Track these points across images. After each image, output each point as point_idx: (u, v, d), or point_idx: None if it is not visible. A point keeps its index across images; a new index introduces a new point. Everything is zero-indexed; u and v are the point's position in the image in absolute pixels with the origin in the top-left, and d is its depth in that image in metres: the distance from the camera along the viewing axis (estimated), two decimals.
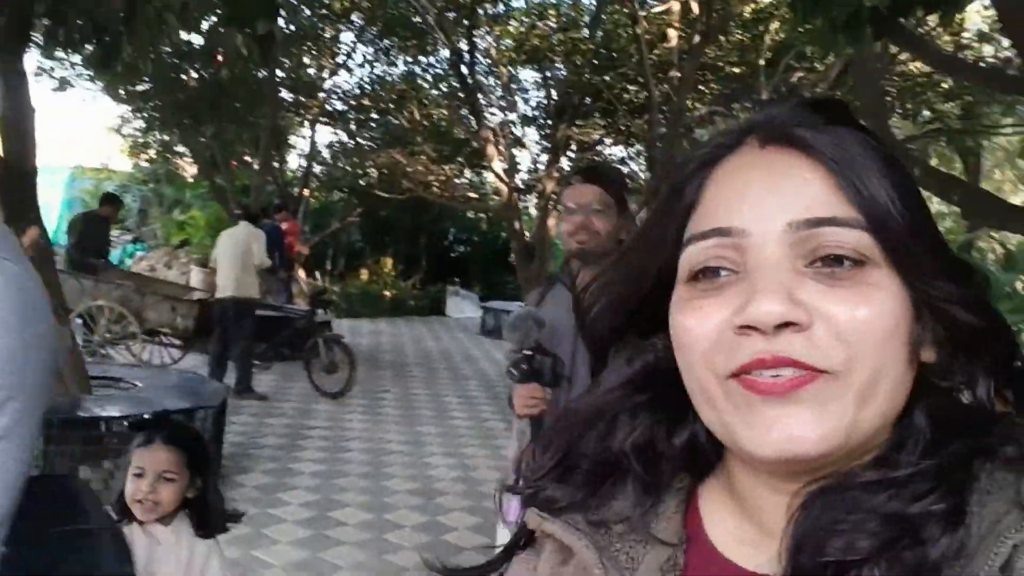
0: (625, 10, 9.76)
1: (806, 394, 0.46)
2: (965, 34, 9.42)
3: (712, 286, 0.50)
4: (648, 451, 0.57)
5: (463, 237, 20.12)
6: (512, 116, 13.57)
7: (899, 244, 0.49)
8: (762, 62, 9.64)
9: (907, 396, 0.50)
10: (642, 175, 13.27)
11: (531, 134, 14.15)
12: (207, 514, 1.96)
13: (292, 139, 16.22)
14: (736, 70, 10.80)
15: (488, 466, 5.80)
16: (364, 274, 18.17)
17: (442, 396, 8.25)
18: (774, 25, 9.69)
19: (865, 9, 2.67)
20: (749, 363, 0.47)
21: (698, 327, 0.50)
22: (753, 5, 9.66)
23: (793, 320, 0.46)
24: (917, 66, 8.99)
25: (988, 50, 9.55)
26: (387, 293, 16.75)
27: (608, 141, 13.31)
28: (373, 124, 14.66)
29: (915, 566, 0.43)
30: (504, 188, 12.58)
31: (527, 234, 13.37)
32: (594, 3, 11.28)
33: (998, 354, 0.51)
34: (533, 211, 15.11)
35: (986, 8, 7.42)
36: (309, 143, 15.80)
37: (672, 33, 9.40)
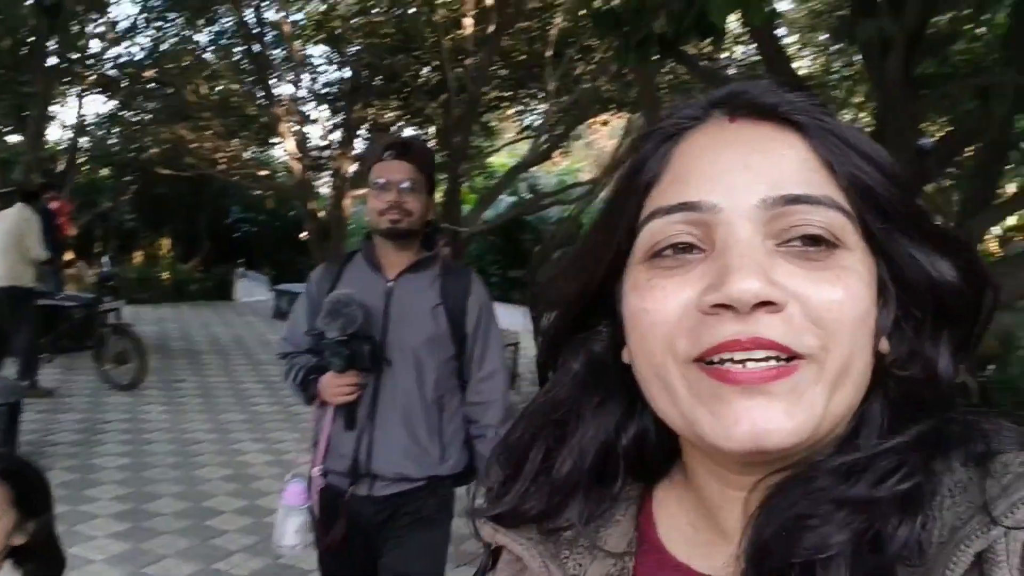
0: None
1: (782, 386, 0.43)
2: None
3: (675, 265, 0.47)
4: (598, 456, 0.55)
5: (247, 216, 19.37)
6: (302, 92, 13.33)
7: (883, 221, 0.47)
8: (549, 53, 10.23)
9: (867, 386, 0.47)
10: (437, 158, 13.58)
11: (322, 112, 13.97)
12: (44, 562, 1.65)
13: (52, 109, 14.76)
14: (524, 58, 11.34)
15: (300, 449, 5.85)
16: (139, 256, 17.02)
17: (242, 383, 8.10)
18: (558, 18, 10.31)
19: (654, 35, 3.12)
20: (722, 344, 0.44)
21: (659, 309, 0.47)
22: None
23: (771, 299, 0.43)
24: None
25: (740, 50, 10.81)
26: (166, 276, 15.85)
27: (402, 123, 13.43)
28: (147, 96, 13.73)
29: (874, 565, 0.41)
30: (296, 166, 12.38)
31: (321, 213, 13.25)
32: None
33: (978, 324, 0.50)
34: (324, 190, 14.95)
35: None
36: (76, 114, 14.49)
37: (467, 21, 9.73)
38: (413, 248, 2.18)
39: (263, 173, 14.07)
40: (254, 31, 11.80)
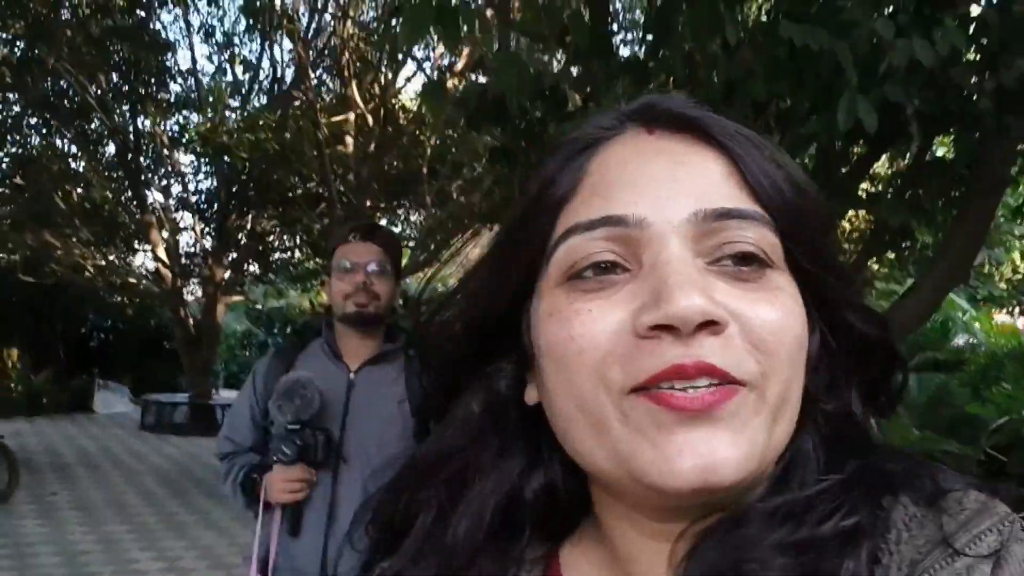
0: (301, 108, 10.56)
1: (726, 411, 0.40)
2: None
3: (598, 287, 0.43)
4: (499, 514, 0.49)
5: (104, 324, 18.65)
6: (172, 200, 13.39)
7: (804, 242, 0.45)
8: (424, 170, 10.94)
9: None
10: (308, 265, 13.91)
11: (193, 219, 14.01)
12: None
13: None
14: (397, 173, 11.99)
15: (193, 556, 5.87)
16: None
17: (120, 494, 7.89)
18: (431, 136, 11.08)
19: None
20: (665, 371, 0.39)
21: (586, 335, 0.42)
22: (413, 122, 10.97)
23: (715, 318, 0.40)
24: None
25: None
26: (16, 389, 14.97)
27: (278, 231, 13.69)
28: (6, 200, 13.31)
29: None
30: (167, 273, 12.33)
31: (192, 321, 13.12)
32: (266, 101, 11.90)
33: (882, 367, 0.48)
34: (190, 297, 14.79)
35: None
36: None
37: (349, 140, 10.34)
38: (377, 337, 2.06)
39: (133, 281, 13.80)
40: (127, 139, 11.90)
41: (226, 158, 11.76)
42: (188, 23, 11.67)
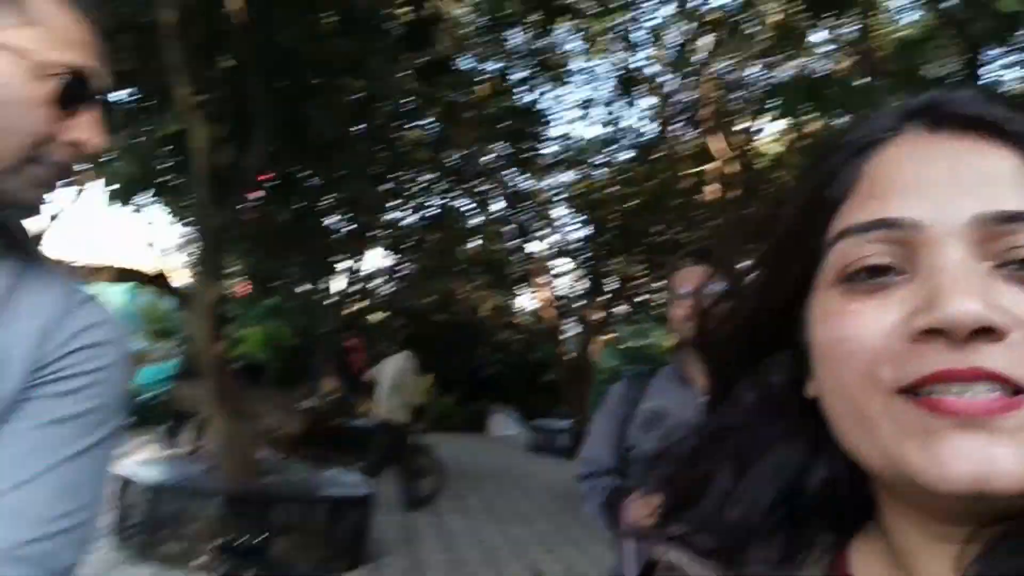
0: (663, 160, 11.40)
1: (1009, 422, 0.38)
2: None
3: (873, 288, 0.43)
4: (779, 499, 0.49)
5: (493, 357, 21.34)
6: (552, 249, 15.09)
7: None
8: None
9: None
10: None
11: (568, 265, 15.61)
12: None
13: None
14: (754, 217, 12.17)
15: (587, 562, 6.79)
16: None
17: (518, 503, 9.27)
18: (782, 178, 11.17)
19: None
20: (936, 373, 0.39)
21: (858, 336, 0.42)
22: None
23: (992, 324, 0.38)
24: None
25: None
26: (430, 409, 17.88)
27: (646, 276, 14.71)
28: (424, 252, 16.13)
29: None
30: (551, 313, 13.97)
31: (569, 356, 14.66)
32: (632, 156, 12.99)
33: None
34: (569, 335, 16.44)
35: None
36: (362, 267, 17.27)
37: (709, 188, 10.93)
38: None
39: (517, 321, 15.82)
40: (512, 197, 13.79)
41: (597, 210, 13.17)
42: (558, 99, 13.21)
